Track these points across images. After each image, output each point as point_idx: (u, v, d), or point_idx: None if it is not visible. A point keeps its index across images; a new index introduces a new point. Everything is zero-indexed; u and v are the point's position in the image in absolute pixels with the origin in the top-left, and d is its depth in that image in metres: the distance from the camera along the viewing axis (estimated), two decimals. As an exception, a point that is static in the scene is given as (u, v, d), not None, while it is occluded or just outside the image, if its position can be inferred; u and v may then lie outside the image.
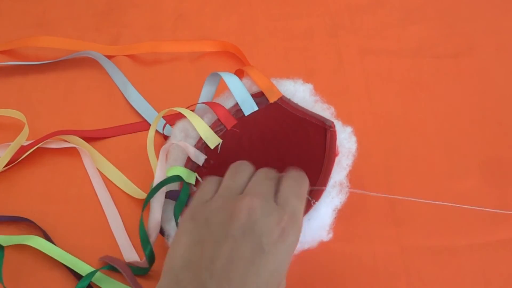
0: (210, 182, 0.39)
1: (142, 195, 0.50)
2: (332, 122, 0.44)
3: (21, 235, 0.48)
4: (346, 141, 0.44)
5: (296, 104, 0.46)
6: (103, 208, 0.50)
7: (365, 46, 0.60)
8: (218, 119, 0.46)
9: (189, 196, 0.43)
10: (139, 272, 0.46)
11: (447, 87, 0.57)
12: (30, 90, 0.59)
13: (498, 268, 0.45)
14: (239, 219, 0.34)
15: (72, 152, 0.54)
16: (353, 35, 0.61)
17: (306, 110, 0.45)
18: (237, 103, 0.47)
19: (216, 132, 0.46)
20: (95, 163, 0.53)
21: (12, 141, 0.52)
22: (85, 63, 0.61)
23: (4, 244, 0.47)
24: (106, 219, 0.49)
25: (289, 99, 0.46)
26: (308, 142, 0.44)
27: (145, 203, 0.44)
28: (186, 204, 0.43)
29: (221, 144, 0.45)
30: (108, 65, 0.59)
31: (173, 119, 0.50)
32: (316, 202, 0.41)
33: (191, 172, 0.45)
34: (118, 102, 0.58)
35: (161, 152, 0.45)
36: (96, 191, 0.51)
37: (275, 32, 0.62)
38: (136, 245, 0.48)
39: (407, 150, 0.52)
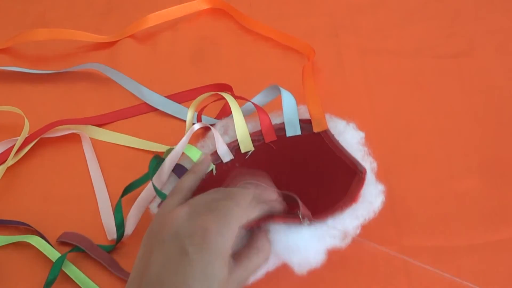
0: (172, 197, 0.40)
1: (164, 148, 0.51)
2: (365, 169, 0.42)
3: (21, 235, 0.48)
4: (371, 195, 0.42)
5: (338, 142, 0.45)
6: (97, 197, 0.50)
7: (365, 46, 0.60)
8: (260, 130, 0.46)
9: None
10: (104, 249, 0.47)
11: (447, 87, 0.57)
12: (30, 90, 0.59)
13: (498, 268, 0.45)
14: (168, 225, 0.36)
15: (73, 146, 0.54)
16: (353, 35, 0.61)
17: (345, 150, 0.44)
18: (283, 122, 0.47)
19: (253, 141, 0.46)
20: (103, 137, 0.54)
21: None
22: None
23: (3, 243, 0.47)
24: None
25: (332, 135, 0.45)
26: (334, 181, 0.43)
27: (126, 191, 0.46)
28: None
29: (252, 153, 0.45)
30: (113, 74, 0.59)
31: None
32: (305, 223, 0.39)
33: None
34: (118, 100, 0.58)
35: (189, 131, 0.46)
36: (93, 182, 0.51)
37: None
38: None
39: (407, 150, 0.52)
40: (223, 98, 0.47)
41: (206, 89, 0.57)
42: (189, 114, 0.49)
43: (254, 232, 0.39)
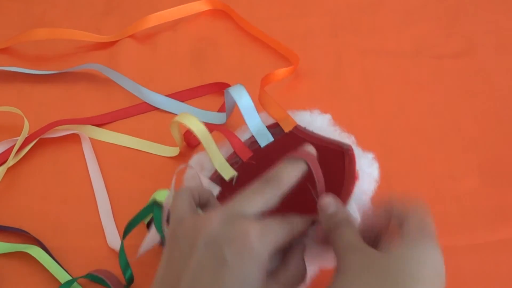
0: (181, 198, 0.37)
1: (172, 151, 0.52)
2: (350, 145, 0.42)
3: (22, 244, 0.47)
4: (366, 166, 0.43)
5: (312, 132, 0.45)
6: (96, 198, 0.50)
7: (365, 46, 0.60)
8: (234, 152, 0.45)
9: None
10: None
11: (446, 87, 0.57)
12: (30, 90, 0.59)
13: (498, 268, 0.45)
14: (201, 231, 0.33)
15: (73, 147, 0.54)
16: (353, 35, 0.61)
17: (322, 136, 0.44)
18: (252, 135, 0.46)
19: (232, 164, 0.45)
20: (102, 137, 0.54)
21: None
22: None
23: (2, 251, 0.47)
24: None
25: (304, 128, 0.45)
26: (326, 169, 0.42)
27: (125, 233, 0.45)
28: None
29: (237, 176, 0.44)
30: (113, 75, 0.59)
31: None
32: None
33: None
34: (118, 100, 0.58)
35: (173, 178, 0.43)
36: (92, 182, 0.51)
37: (275, 32, 0.62)
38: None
39: (407, 150, 0.52)
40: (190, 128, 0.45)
41: (205, 88, 0.57)
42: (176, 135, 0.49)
43: (288, 251, 0.37)
